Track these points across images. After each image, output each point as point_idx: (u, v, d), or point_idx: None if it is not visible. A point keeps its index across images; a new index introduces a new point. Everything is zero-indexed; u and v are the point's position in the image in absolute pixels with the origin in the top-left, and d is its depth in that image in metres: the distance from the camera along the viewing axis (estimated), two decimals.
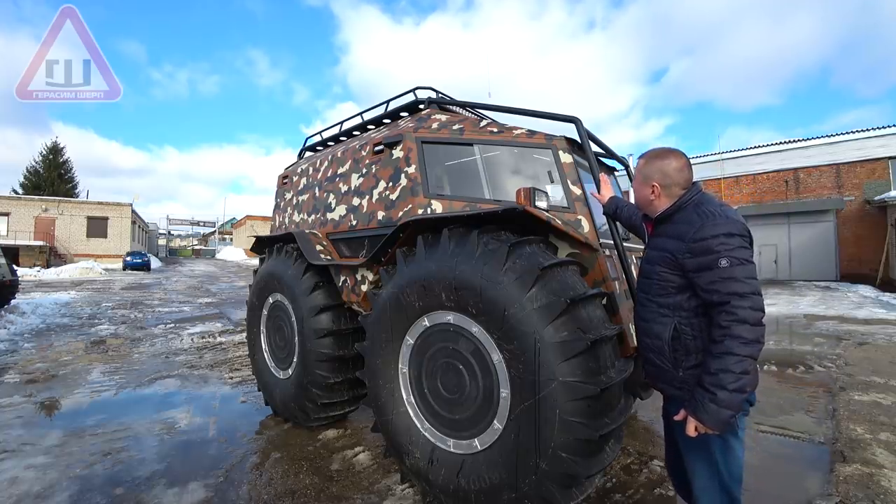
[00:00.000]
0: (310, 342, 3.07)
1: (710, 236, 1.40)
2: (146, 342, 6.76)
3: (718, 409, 1.34)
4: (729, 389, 1.32)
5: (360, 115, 3.71)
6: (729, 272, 1.35)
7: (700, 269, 1.42)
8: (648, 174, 1.62)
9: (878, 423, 3.45)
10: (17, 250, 26.26)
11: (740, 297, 1.33)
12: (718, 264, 1.37)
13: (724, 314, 1.35)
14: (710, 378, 1.36)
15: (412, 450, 2.31)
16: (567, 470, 1.74)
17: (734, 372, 1.32)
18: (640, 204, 1.72)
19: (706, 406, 1.36)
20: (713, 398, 1.35)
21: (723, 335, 1.35)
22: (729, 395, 1.33)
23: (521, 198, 2.07)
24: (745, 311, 1.33)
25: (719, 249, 1.38)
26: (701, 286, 1.42)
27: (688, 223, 1.49)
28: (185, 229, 70.19)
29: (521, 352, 1.83)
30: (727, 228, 1.40)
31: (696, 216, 1.48)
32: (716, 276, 1.37)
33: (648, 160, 1.63)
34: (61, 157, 39.50)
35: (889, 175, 15.26)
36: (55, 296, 12.64)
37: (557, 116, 2.56)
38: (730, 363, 1.32)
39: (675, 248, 1.50)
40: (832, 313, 9.22)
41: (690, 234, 1.45)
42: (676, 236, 1.51)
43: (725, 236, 1.38)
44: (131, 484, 2.59)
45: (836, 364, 5.23)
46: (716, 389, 1.34)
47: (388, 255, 2.67)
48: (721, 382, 1.33)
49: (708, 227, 1.41)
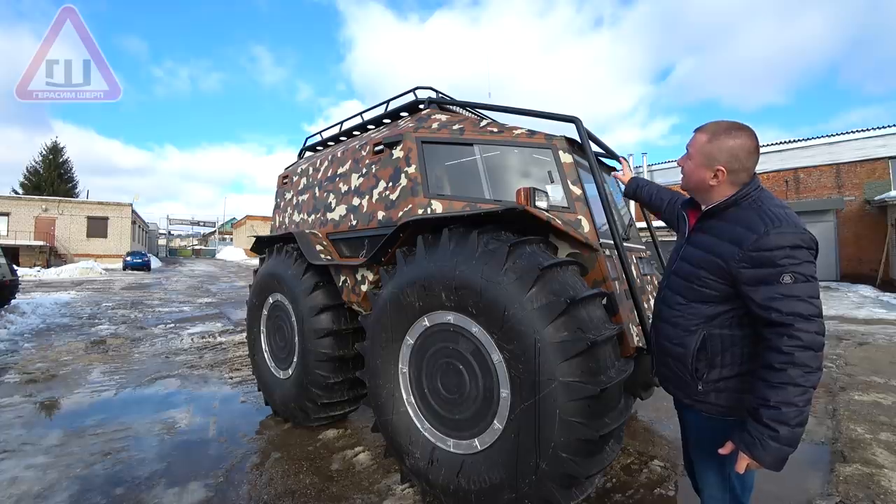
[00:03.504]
0: (310, 342, 3.07)
1: (776, 247, 1.21)
2: (146, 342, 6.76)
3: (780, 447, 1.17)
4: (791, 425, 1.16)
5: (359, 115, 3.71)
6: (792, 290, 1.19)
7: (757, 283, 1.23)
8: (713, 154, 1.34)
9: (879, 423, 3.45)
10: (17, 250, 26.28)
11: (805, 319, 1.17)
12: (781, 280, 1.19)
13: (785, 338, 1.18)
14: (771, 413, 1.17)
15: (412, 450, 2.31)
16: (567, 470, 1.74)
17: (797, 406, 1.16)
18: (694, 188, 1.46)
19: (766, 444, 1.18)
20: (775, 436, 1.17)
21: (785, 363, 1.17)
22: (791, 431, 1.17)
23: (521, 198, 2.07)
24: (810, 335, 1.17)
25: (784, 263, 1.20)
26: (756, 302, 1.23)
27: (747, 226, 1.27)
28: (186, 229, 70.24)
29: (521, 352, 1.83)
30: (796, 239, 1.21)
31: (757, 218, 1.27)
32: (776, 293, 1.20)
33: (714, 136, 1.35)
34: (61, 157, 39.49)
35: (889, 175, 15.26)
36: (55, 296, 12.64)
37: (557, 116, 2.56)
38: (793, 395, 1.16)
39: (728, 253, 1.29)
40: (832, 313, 9.22)
41: (751, 240, 1.24)
42: (732, 239, 1.30)
43: (792, 248, 1.20)
44: (131, 484, 2.59)
45: (836, 364, 5.23)
46: (778, 426, 1.17)
47: (389, 255, 2.67)
48: (784, 418, 1.16)
49: (773, 235, 1.21)
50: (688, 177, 1.45)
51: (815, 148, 16.72)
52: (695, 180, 1.43)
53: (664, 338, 1.51)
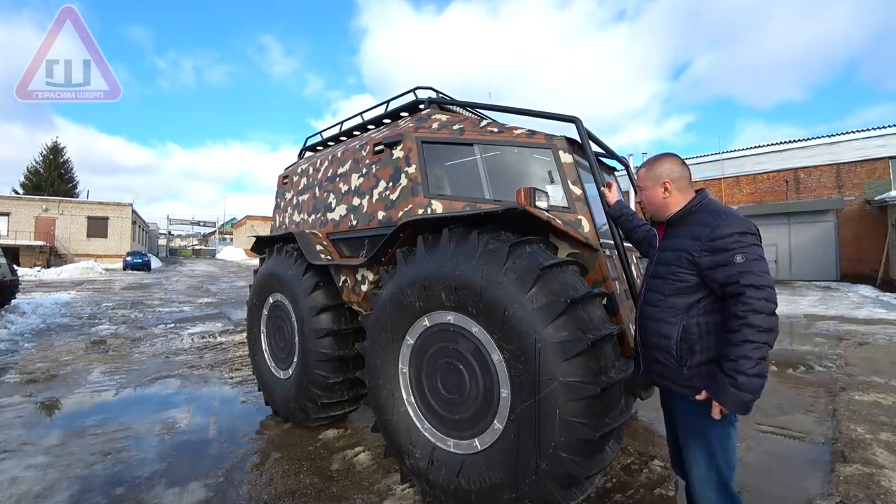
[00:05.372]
0: (310, 342, 3.07)
1: (727, 234, 1.51)
2: (146, 342, 6.76)
3: (738, 392, 1.43)
4: (748, 374, 1.41)
5: (360, 115, 3.72)
6: (745, 266, 1.46)
7: (717, 266, 1.51)
8: (657, 175, 1.76)
9: (879, 423, 3.45)
10: (17, 250, 26.28)
11: (756, 288, 1.43)
12: (734, 260, 1.47)
13: (740, 305, 1.44)
14: (731, 364, 1.44)
15: (412, 450, 2.31)
16: (567, 470, 1.74)
17: (752, 358, 1.41)
18: (653, 207, 1.80)
19: (727, 389, 1.45)
20: (734, 382, 1.43)
21: (740, 324, 1.43)
22: (748, 380, 1.42)
23: (521, 198, 2.07)
24: (760, 301, 1.42)
25: (734, 246, 1.48)
26: (718, 281, 1.51)
27: (703, 224, 1.59)
28: (186, 229, 70.27)
29: (521, 352, 1.83)
30: (741, 227, 1.51)
31: (710, 217, 1.59)
32: (733, 271, 1.47)
33: (651, 166, 1.79)
34: (61, 157, 39.52)
35: (889, 175, 15.25)
36: (55, 296, 12.64)
37: (558, 116, 2.56)
38: (748, 350, 1.41)
39: (691, 246, 1.59)
40: (832, 313, 9.22)
41: (707, 233, 1.55)
42: (692, 236, 1.60)
43: (740, 234, 1.50)
44: (131, 484, 2.59)
45: (836, 364, 5.23)
46: (736, 374, 1.42)
47: (389, 255, 2.67)
48: (740, 368, 1.42)
49: (723, 226, 1.52)
50: (648, 201, 1.81)
51: (815, 148, 16.71)
52: (651, 201, 1.79)
53: (651, 333, 1.71)
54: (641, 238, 2.15)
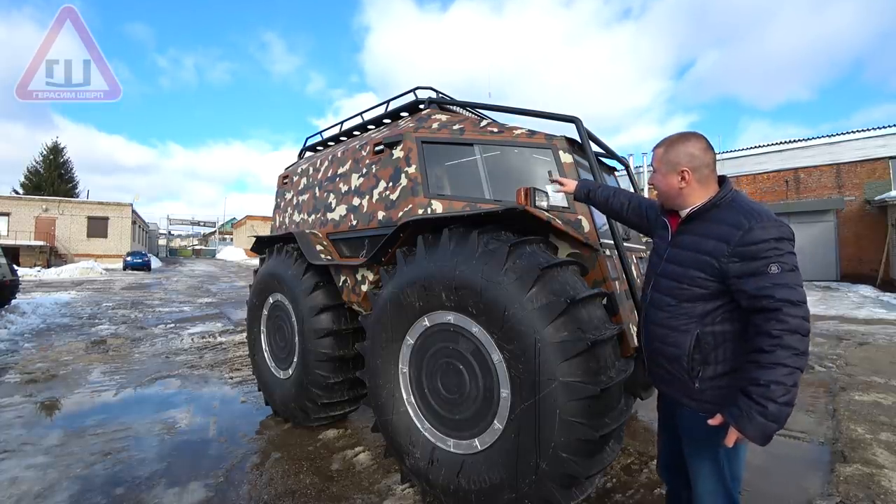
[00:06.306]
0: (310, 342, 3.07)
1: (762, 240, 1.30)
2: (146, 342, 6.76)
3: (766, 422, 1.25)
4: (779, 402, 1.23)
5: (360, 115, 3.72)
6: (781, 278, 1.27)
7: (746, 275, 1.31)
8: (674, 160, 1.48)
9: (879, 423, 3.45)
10: (17, 250, 26.27)
11: (794, 305, 1.24)
12: (769, 270, 1.28)
13: (774, 322, 1.25)
14: (760, 390, 1.25)
15: (412, 450, 2.31)
16: (567, 470, 1.74)
17: (785, 384, 1.23)
18: (667, 196, 1.56)
19: (753, 419, 1.26)
20: (762, 411, 1.25)
21: (773, 345, 1.24)
22: (779, 409, 1.24)
23: (521, 198, 2.07)
24: (797, 320, 1.24)
25: (770, 255, 1.29)
26: (747, 292, 1.31)
27: (732, 224, 1.36)
28: (186, 229, 70.27)
29: (521, 352, 1.83)
30: (778, 232, 1.31)
31: (741, 216, 1.36)
32: (767, 283, 1.27)
33: (669, 146, 1.51)
34: (62, 157, 39.51)
35: (889, 175, 15.24)
36: (55, 296, 12.64)
37: (558, 116, 2.56)
38: (781, 374, 1.23)
39: (716, 250, 1.37)
40: (832, 313, 9.22)
41: (737, 236, 1.33)
42: (718, 237, 1.38)
43: (776, 241, 1.30)
44: (131, 484, 2.59)
45: (836, 364, 5.23)
46: (766, 402, 1.24)
47: (389, 255, 2.67)
48: (772, 395, 1.23)
49: (757, 229, 1.31)
50: (661, 188, 1.56)
51: (815, 148, 16.70)
52: (665, 188, 1.54)
53: (657, 339, 1.55)
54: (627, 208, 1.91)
